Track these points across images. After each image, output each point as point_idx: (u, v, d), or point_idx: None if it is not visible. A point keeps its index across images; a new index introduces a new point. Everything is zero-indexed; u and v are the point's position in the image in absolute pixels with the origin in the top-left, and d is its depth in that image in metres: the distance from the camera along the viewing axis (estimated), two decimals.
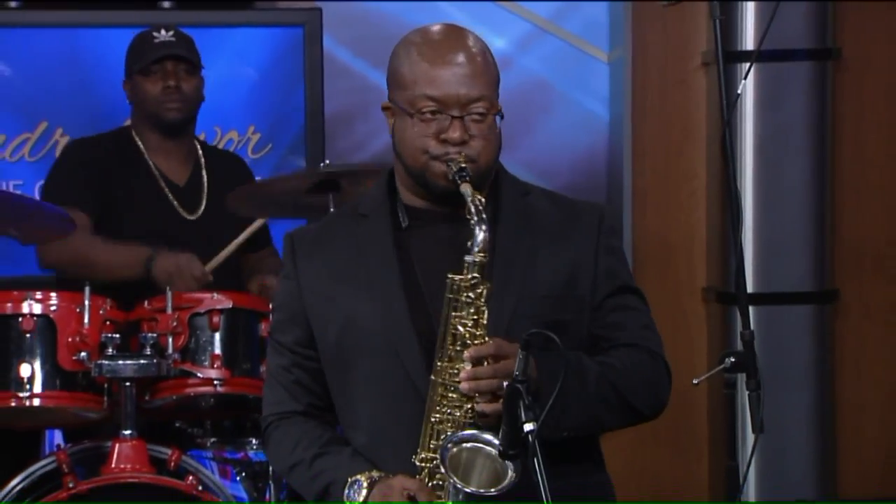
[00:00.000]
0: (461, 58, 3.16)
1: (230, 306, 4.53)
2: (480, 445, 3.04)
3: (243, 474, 4.68)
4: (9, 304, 4.46)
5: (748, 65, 5.39)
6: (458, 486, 3.00)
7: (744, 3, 5.66)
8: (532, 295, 3.18)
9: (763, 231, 5.70)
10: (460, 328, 3.09)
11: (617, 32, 5.90)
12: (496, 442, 3.03)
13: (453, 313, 3.09)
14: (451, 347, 3.09)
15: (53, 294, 4.47)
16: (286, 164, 5.58)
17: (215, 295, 4.55)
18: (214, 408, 4.69)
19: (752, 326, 4.28)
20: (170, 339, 4.46)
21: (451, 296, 3.09)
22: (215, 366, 4.49)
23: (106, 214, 4.81)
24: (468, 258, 3.08)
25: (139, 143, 4.97)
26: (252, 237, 5.02)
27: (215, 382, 4.49)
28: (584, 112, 5.92)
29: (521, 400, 2.97)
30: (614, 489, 3.33)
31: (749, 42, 5.64)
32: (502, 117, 3.21)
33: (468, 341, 3.08)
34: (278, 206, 4.94)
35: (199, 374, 4.48)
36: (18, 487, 4.49)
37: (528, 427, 2.96)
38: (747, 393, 4.20)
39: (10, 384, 4.41)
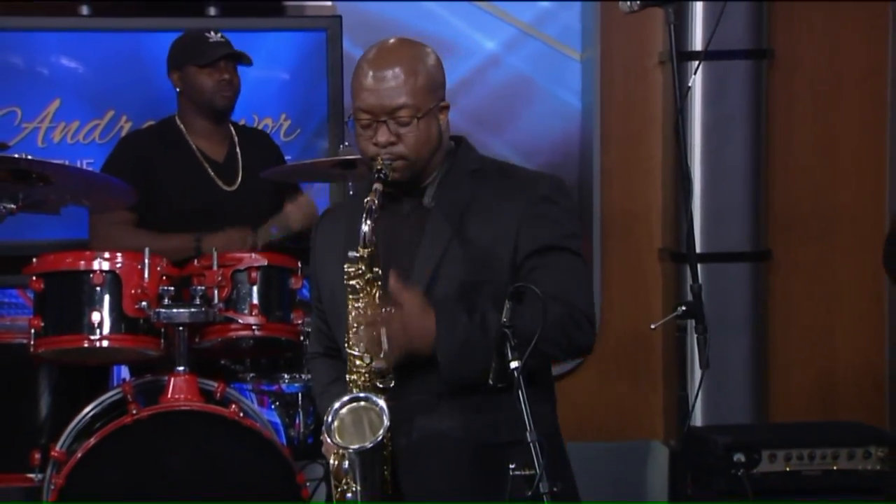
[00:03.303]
0: (385, 73, 3.14)
1: (265, 264, 4.54)
2: (355, 405, 3.08)
3: (277, 403, 4.68)
4: (82, 262, 4.46)
5: (697, 63, 5.37)
6: (347, 449, 3.05)
7: (694, 9, 5.63)
8: (455, 260, 3.15)
9: (709, 201, 5.68)
10: (354, 310, 3.11)
11: (588, 36, 5.87)
12: (365, 396, 3.06)
13: (350, 296, 3.11)
14: (352, 325, 3.12)
15: (119, 254, 4.47)
16: (312, 146, 5.57)
17: (253, 255, 4.56)
18: (253, 348, 4.69)
19: (699, 281, 4.27)
20: (216, 291, 4.46)
21: (347, 283, 3.11)
22: (253, 313, 4.49)
23: (154, 195, 4.78)
24: (351, 254, 3.09)
25: (182, 128, 4.94)
26: (284, 196, 5.02)
27: (253, 327, 4.49)
28: (561, 103, 5.90)
29: (508, 342, 2.97)
30: (555, 416, 3.29)
31: (698, 44, 5.62)
32: (435, 111, 3.17)
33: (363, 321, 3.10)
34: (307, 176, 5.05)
35: (239, 321, 4.48)
36: (91, 413, 4.51)
37: (513, 364, 2.96)
38: (696, 336, 4.20)
39: (83, 328, 4.42)
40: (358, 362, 3.12)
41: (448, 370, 3.07)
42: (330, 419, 3.06)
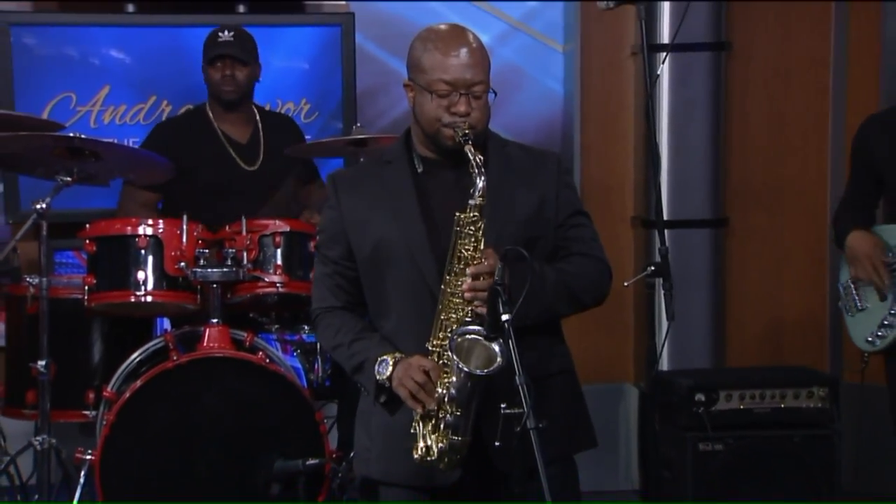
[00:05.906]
0: (465, 51, 3.13)
1: (288, 230, 4.54)
2: (478, 338, 3.02)
3: (298, 351, 4.68)
4: (129, 228, 4.49)
5: (664, 54, 5.35)
6: (460, 366, 2.98)
7: (662, 7, 5.60)
8: (513, 219, 3.17)
9: (675, 175, 5.67)
10: (464, 252, 3.07)
11: (570, 30, 5.85)
12: (485, 333, 3.00)
13: (459, 241, 3.07)
14: (456, 266, 3.07)
15: (161, 220, 4.49)
16: (329, 127, 5.56)
17: (277, 222, 4.55)
18: (277, 303, 4.70)
19: (666, 244, 4.27)
20: (245, 254, 4.47)
21: (457, 228, 3.07)
22: (278, 273, 4.49)
23: (181, 174, 4.75)
24: (471, 201, 3.06)
25: (210, 114, 4.92)
26: (301, 174, 5.00)
27: (277, 285, 4.50)
28: (546, 89, 5.88)
29: (500, 297, 2.96)
30: (571, 356, 3.32)
31: (665, 37, 5.60)
32: (496, 95, 3.18)
33: (470, 262, 3.06)
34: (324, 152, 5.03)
35: (265, 279, 4.49)
36: (137, 359, 4.54)
37: (504, 317, 2.95)
38: (663, 292, 4.20)
39: (129, 285, 4.45)
40: (457, 300, 3.06)
41: (520, 309, 3.00)
42: (454, 342, 2.98)
